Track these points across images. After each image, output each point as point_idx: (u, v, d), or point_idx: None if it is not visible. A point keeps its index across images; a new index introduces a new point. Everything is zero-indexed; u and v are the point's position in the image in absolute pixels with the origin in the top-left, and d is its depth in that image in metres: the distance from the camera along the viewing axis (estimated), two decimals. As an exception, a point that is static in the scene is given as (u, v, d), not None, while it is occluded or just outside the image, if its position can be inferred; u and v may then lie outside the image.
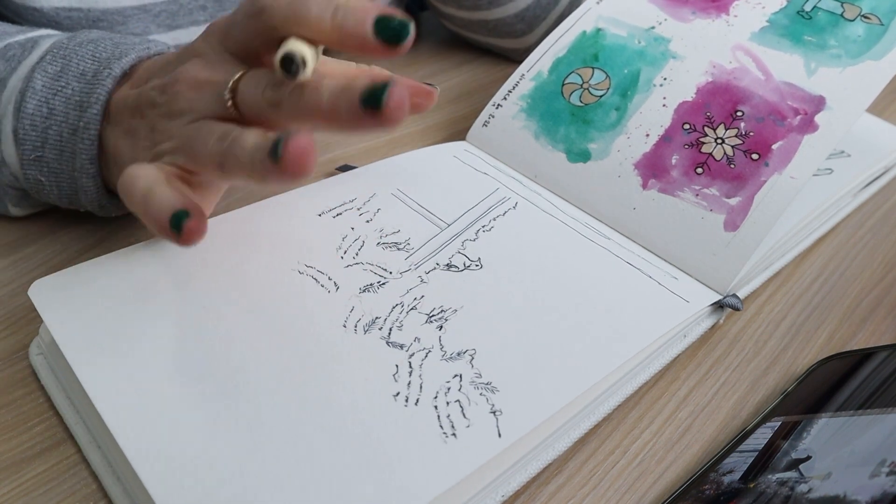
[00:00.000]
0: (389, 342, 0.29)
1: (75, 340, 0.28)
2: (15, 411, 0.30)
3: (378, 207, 0.36)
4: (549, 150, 0.40)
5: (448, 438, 0.26)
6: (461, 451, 0.25)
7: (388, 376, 0.28)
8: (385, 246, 0.34)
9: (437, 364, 0.29)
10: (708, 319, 0.34)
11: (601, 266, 0.34)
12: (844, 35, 0.37)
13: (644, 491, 0.28)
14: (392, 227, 0.35)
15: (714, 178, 0.36)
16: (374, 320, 0.30)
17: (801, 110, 0.36)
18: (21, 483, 0.27)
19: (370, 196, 0.37)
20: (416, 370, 0.28)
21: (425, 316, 0.31)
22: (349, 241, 0.34)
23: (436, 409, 0.27)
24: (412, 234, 0.35)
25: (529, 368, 0.29)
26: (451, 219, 0.36)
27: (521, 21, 0.54)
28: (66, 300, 0.30)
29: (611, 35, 0.42)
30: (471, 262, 0.34)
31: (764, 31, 0.39)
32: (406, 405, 0.27)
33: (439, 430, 0.26)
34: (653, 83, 0.39)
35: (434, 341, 0.30)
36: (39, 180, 0.34)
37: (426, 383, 0.28)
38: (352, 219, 0.36)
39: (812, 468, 0.25)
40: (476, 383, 0.28)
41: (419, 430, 0.26)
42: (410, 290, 0.32)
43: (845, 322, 0.36)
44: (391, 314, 0.31)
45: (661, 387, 0.32)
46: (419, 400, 0.27)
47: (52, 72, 0.32)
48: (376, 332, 0.30)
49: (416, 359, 0.29)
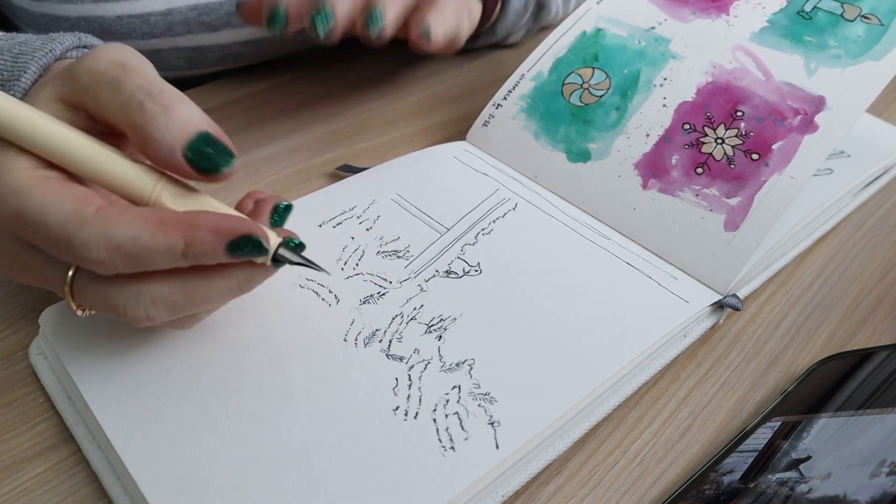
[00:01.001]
0: (389, 355, 0.30)
1: (81, 360, 0.29)
2: (15, 411, 0.30)
3: (378, 214, 0.36)
4: (550, 149, 0.40)
5: (447, 452, 0.26)
6: (459, 464, 0.26)
7: (389, 390, 0.28)
8: (385, 254, 0.34)
9: (436, 376, 0.29)
10: (708, 319, 0.34)
11: (601, 267, 0.34)
12: (844, 35, 0.37)
13: (644, 491, 0.28)
14: (392, 234, 0.35)
15: (714, 178, 0.36)
16: (374, 332, 0.31)
17: (802, 110, 0.36)
18: (21, 483, 0.27)
19: (370, 203, 0.37)
20: (415, 383, 0.29)
21: (425, 326, 0.31)
22: (349, 252, 0.34)
23: (434, 423, 0.27)
24: (412, 240, 0.35)
25: (528, 377, 0.29)
26: (451, 223, 0.36)
27: None
28: (74, 325, 0.30)
29: (611, 35, 0.42)
30: (470, 268, 0.34)
31: (764, 31, 0.39)
32: (406, 419, 0.27)
33: (438, 443, 0.26)
34: (653, 83, 0.39)
35: (433, 352, 0.30)
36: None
37: (425, 396, 0.28)
38: (352, 227, 0.36)
39: (812, 468, 0.25)
40: (474, 394, 0.28)
41: (418, 445, 0.26)
42: (410, 300, 0.32)
43: (845, 322, 0.36)
44: (391, 325, 0.31)
45: (661, 387, 0.32)
46: (418, 413, 0.27)
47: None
48: (376, 344, 0.30)
49: (416, 371, 0.29)
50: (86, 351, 0.29)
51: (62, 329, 0.30)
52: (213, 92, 0.51)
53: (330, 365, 0.29)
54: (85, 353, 0.29)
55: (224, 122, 0.48)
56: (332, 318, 0.31)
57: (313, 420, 0.27)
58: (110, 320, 0.30)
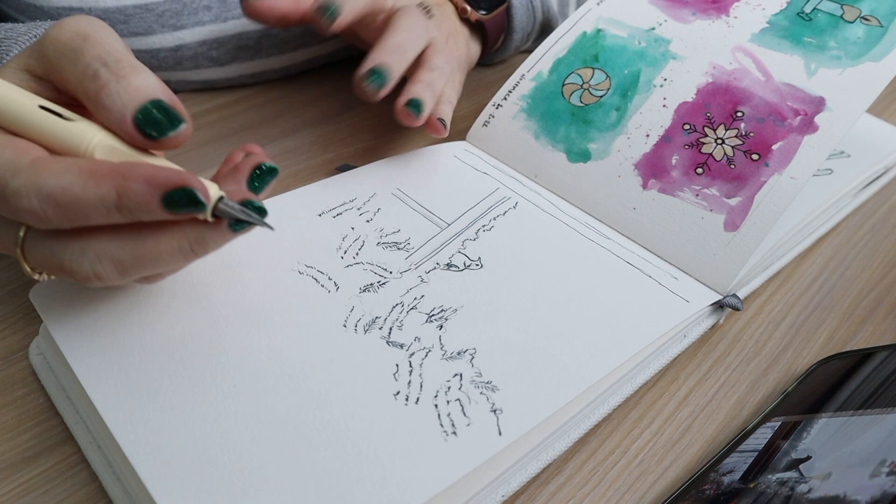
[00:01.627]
0: (390, 342, 0.30)
1: (75, 342, 0.28)
2: (15, 411, 0.30)
3: (378, 207, 0.36)
4: (550, 150, 0.40)
5: (448, 437, 0.26)
6: (462, 449, 0.26)
7: (389, 375, 0.28)
8: (385, 246, 0.34)
9: (437, 363, 0.29)
10: (708, 319, 0.34)
11: (601, 266, 0.34)
12: (844, 36, 0.38)
13: (644, 491, 0.28)
14: (392, 226, 0.35)
15: (714, 178, 0.36)
16: (374, 320, 0.30)
17: (801, 111, 0.36)
18: (21, 483, 0.27)
19: (370, 196, 0.37)
20: (416, 369, 0.28)
21: (425, 315, 0.31)
22: (349, 241, 0.34)
23: (436, 408, 0.27)
24: (412, 233, 0.35)
25: (530, 368, 0.29)
26: (452, 218, 0.36)
27: None
28: (67, 303, 0.30)
29: (611, 36, 0.42)
30: (471, 262, 0.34)
31: (764, 32, 0.39)
32: (406, 404, 0.27)
33: (440, 428, 0.26)
34: (653, 84, 0.39)
35: (434, 341, 0.30)
36: None
37: (426, 382, 0.28)
38: (352, 218, 0.36)
39: (812, 468, 0.25)
40: (476, 382, 0.28)
41: (419, 429, 0.26)
42: (410, 290, 0.32)
43: (845, 322, 0.36)
44: (391, 314, 0.31)
45: (661, 387, 0.32)
46: (419, 399, 0.27)
47: None
48: (376, 331, 0.30)
49: (417, 358, 0.29)
50: (80, 331, 0.29)
51: (53, 306, 0.29)
52: (212, 93, 0.51)
53: (329, 349, 0.29)
54: (79, 331, 0.29)
55: (223, 123, 0.48)
56: (332, 304, 0.31)
57: (311, 402, 0.27)
58: (99, 299, 0.29)
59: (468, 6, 0.47)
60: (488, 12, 0.48)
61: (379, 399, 0.27)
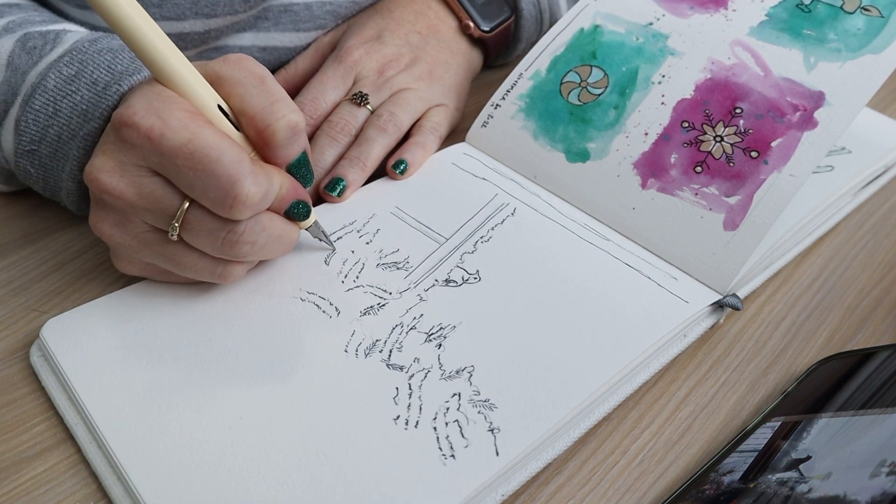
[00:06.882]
0: (390, 364, 0.30)
1: (85, 376, 0.29)
2: (15, 411, 0.30)
3: (378, 228, 0.36)
4: (549, 150, 0.40)
5: (447, 460, 0.26)
6: (460, 472, 0.26)
7: (389, 399, 0.28)
8: (384, 266, 0.34)
9: (436, 384, 0.29)
10: (708, 319, 0.34)
11: (600, 270, 0.34)
12: (844, 28, 0.37)
13: (644, 491, 0.28)
14: (391, 246, 0.35)
15: (713, 176, 0.35)
16: (374, 343, 0.31)
17: (801, 106, 0.36)
18: (21, 483, 0.27)
19: (370, 217, 0.37)
20: (415, 391, 0.29)
21: (424, 335, 0.31)
22: (349, 265, 0.34)
23: (435, 431, 0.27)
24: (411, 251, 0.35)
25: (527, 382, 0.29)
26: (450, 232, 0.36)
27: None
28: (76, 339, 0.30)
29: (608, 32, 0.42)
30: (469, 276, 0.34)
31: (763, 25, 0.39)
32: (406, 428, 0.27)
33: (438, 452, 0.27)
34: (651, 81, 0.39)
35: (433, 361, 0.30)
36: (28, 170, 0.34)
37: (426, 404, 0.28)
38: (352, 241, 0.36)
39: (812, 468, 0.25)
40: (474, 401, 0.28)
41: (419, 453, 0.27)
42: (410, 310, 0.32)
43: (845, 322, 0.36)
44: (391, 335, 0.31)
45: (661, 387, 0.32)
46: (419, 422, 0.28)
47: (66, 74, 0.32)
48: (377, 354, 0.30)
49: (416, 380, 0.29)
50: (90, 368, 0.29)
51: (65, 342, 0.30)
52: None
53: (331, 376, 0.29)
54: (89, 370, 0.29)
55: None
56: (333, 329, 0.31)
57: (314, 430, 0.27)
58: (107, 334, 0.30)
59: (471, 23, 0.46)
60: (493, 20, 0.47)
61: (380, 425, 0.28)
